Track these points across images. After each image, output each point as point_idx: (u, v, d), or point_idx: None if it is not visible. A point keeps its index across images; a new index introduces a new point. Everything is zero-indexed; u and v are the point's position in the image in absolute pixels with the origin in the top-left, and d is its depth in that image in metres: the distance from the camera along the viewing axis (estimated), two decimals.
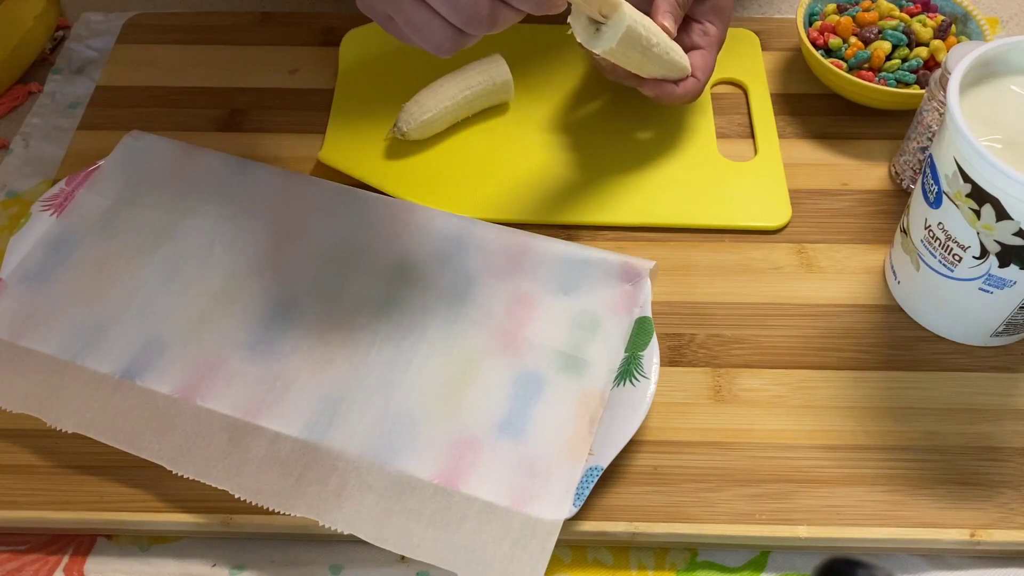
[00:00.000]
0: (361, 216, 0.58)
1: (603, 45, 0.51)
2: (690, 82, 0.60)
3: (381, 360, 0.53)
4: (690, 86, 0.60)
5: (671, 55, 0.56)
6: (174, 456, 0.49)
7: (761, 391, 0.53)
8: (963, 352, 0.55)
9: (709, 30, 0.61)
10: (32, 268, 0.56)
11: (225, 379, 0.52)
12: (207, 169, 0.60)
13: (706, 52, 0.61)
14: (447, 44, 0.53)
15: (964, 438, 0.52)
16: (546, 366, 0.53)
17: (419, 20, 0.51)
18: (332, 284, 0.56)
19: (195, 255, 0.57)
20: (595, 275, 0.55)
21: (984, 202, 0.47)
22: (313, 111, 0.67)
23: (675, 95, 0.59)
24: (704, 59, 0.61)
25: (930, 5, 0.68)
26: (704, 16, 0.61)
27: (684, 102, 0.60)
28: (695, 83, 0.60)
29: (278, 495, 0.47)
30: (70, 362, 0.52)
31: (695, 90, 0.60)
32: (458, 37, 0.53)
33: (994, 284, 0.50)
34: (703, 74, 0.60)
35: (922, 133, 0.59)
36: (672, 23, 0.57)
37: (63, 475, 0.50)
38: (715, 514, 0.49)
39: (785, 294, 0.58)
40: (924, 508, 0.49)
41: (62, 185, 0.60)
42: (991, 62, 0.51)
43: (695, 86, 0.60)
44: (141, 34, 0.73)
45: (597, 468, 0.48)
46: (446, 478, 0.48)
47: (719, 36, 0.62)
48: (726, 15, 0.62)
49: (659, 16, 0.57)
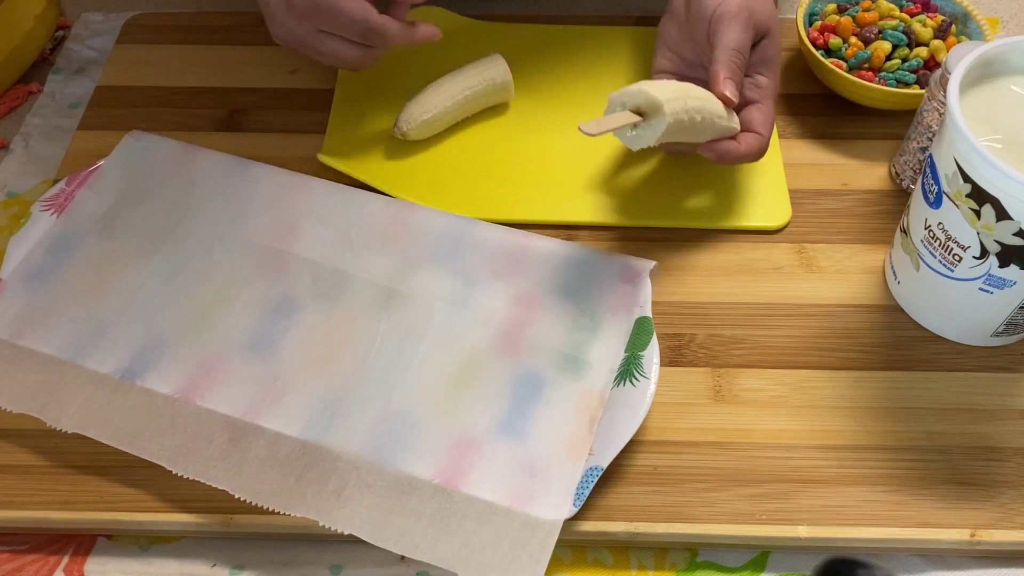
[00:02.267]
0: (361, 216, 0.58)
1: (644, 143, 0.51)
2: (751, 138, 0.56)
3: (381, 360, 0.53)
4: (752, 142, 0.56)
5: (717, 121, 0.54)
6: (174, 456, 0.49)
7: (761, 391, 0.53)
8: (963, 352, 0.55)
9: (761, 82, 0.58)
10: (32, 268, 0.56)
11: (225, 379, 0.52)
12: (207, 169, 0.60)
13: (763, 105, 0.58)
14: (360, 61, 0.61)
15: (964, 438, 0.52)
16: (546, 366, 0.53)
17: (328, 48, 0.60)
18: (332, 284, 0.56)
19: (195, 255, 0.57)
20: (595, 275, 0.55)
21: (984, 202, 0.47)
22: (313, 111, 0.67)
23: (738, 153, 0.56)
24: (763, 113, 0.57)
25: (930, 5, 0.68)
26: (753, 69, 0.58)
27: (749, 160, 0.57)
28: (757, 138, 0.57)
29: (278, 495, 0.47)
30: (70, 362, 0.52)
31: (759, 146, 0.57)
32: (366, 52, 0.61)
33: (994, 284, 0.50)
34: (765, 128, 0.57)
35: (922, 133, 0.59)
36: (734, 90, 0.55)
37: (63, 475, 0.50)
38: (715, 514, 0.49)
39: (785, 294, 0.58)
40: (924, 508, 0.49)
41: (62, 185, 0.60)
42: (991, 62, 0.51)
43: (758, 142, 0.57)
44: (141, 34, 0.73)
45: (597, 468, 0.48)
46: (446, 478, 0.48)
47: (772, 87, 0.59)
48: (775, 64, 0.59)
49: (719, 85, 0.55)
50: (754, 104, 0.58)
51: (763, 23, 0.57)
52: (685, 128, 0.52)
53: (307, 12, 0.58)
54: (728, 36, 0.56)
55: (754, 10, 0.57)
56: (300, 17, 0.59)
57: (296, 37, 0.60)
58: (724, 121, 0.55)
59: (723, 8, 0.56)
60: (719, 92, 0.55)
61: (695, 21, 0.58)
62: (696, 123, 0.52)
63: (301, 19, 0.59)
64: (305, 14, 0.58)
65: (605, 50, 0.71)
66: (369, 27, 0.58)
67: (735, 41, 0.56)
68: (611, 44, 0.71)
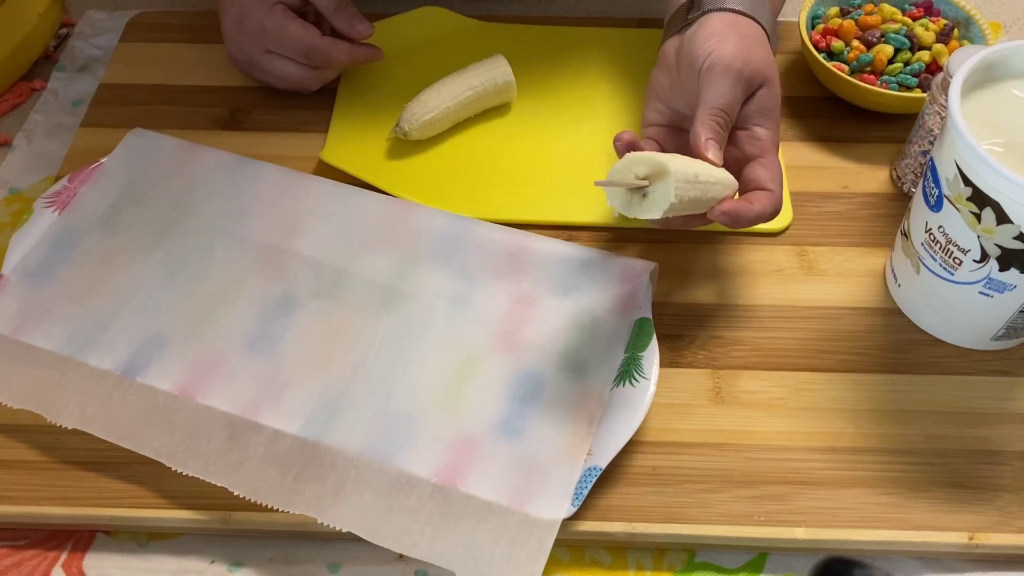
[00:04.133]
0: (362, 215, 0.58)
1: (654, 213, 0.46)
2: (763, 196, 0.51)
3: (381, 359, 0.53)
4: (765, 201, 0.51)
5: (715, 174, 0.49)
6: (173, 453, 0.49)
7: (761, 393, 0.53)
8: (963, 355, 0.55)
9: (759, 134, 0.53)
10: (34, 264, 0.56)
11: (225, 376, 0.52)
12: (209, 167, 0.61)
13: (766, 160, 0.52)
14: (307, 82, 0.66)
15: (963, 441, 0.52)
16: (546, 366, 0.53)
17: (276, 69, 0.64)
18: (333, 283, 0.56)
19: (196, 253, 0.57)
20: (595, 276, 0.55)
21: (985, 206, 0.47)
22: (315, 110, 0.67)
23: (751, 215, 0.50)
24: (768, 168, 0.52)
25: (932, 9, 0.68)
26: (750, 121, 0.53)
27: (764, 220, 0.51)
28: (769, 196, 0.51)
29: (277, 492, 0.47)
30: (71, 358, 0.52)
31: (772, 204, 0.51)
32: (312, 73, 0.65)
33: (994, 288, 0.50)
34: (775, 184, 0.51)
35: (924, 137, 0.59)
36: (717, 152, 0.50)
37: (63, 471, 0.51)
38: (713, 515, 0.49)
39: (785, 296, 0.58)
40: (922, 511, 0.49)
41: (65, 182, 0.60)
42: (993, 66, 0.51)
43: (770, 199, 0.51)
44: (144, 32, 0.73)
45: (596, 468, 0.48)
46: (445, 477, 0.48)
47: (773, 138, 0.53)
48: (774, 114, 0.53)
49: (700, 149, 0.50)
50: (756, 160, 0.52)
51: (759, 72, 0.52)
52: (692, 190, 0.47)
53: (256, 33, 0.63)
54: (713, 92, 0.51)
55: (749, 59, 0.52)
56: (249, 37, 0.63)
57: (246, 56, 0.65)
58: (724, 181, 0.50)
59: (713, 58, 0.51)
60: (702, 155, 0.50)
61: (685, 71, 0.53)
62: (700, 184, 0.47)
63: (250, 39, 0.64)
64: (254, 34, 0.63)
65: (608, 52, 0.71)
66: (313, 48, 0.63)
67: (720, 98, 0.51)
68: (613, 46, 0.71)
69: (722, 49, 0.51)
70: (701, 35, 0.53)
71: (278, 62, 0.64)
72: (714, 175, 0.49)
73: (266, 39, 0.63)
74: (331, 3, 0.63)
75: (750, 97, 0.53)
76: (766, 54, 0.53)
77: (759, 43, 0.53)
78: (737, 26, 0.53)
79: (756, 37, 0.53)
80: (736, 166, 0.53)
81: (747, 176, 0.52)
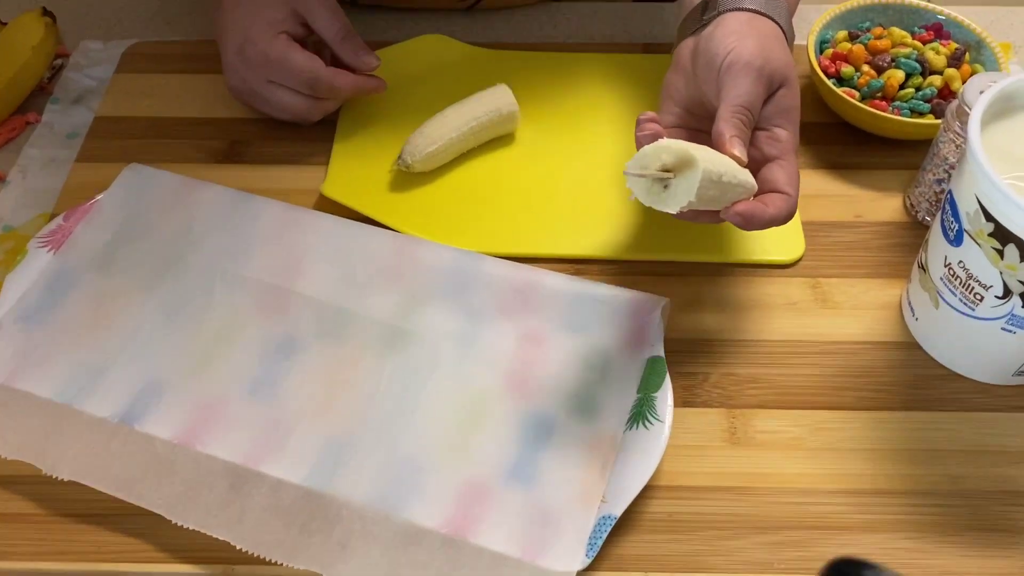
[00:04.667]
0: (365, 252, 0.57)
1: (678, 203, 0.45)
2: (779, 199, 0.50)
3: (386, 403, 0.51)
4: (781, 204, 0.49)
5: (739, 176, 0.48)
6: (173, 505, 0.47)
7: (778, 433, 0.52)
8: (983, 391, 0.54)
9: (779, 135, 0.52)
10: (29, 308, 0.55)
11: (225, 423, 0.50)
12: (207, 204, 0.59)
13: (784, 161, 0.51)
14: (308, 113, 0.64)
15: (988, 482, 0.50)
16: (556, 408, 0.51)
17: (277, 99, 0.63)
18: (335, 323, 0.54)
19: (195, 293, 0.56)
20: (605, 312, 0.54)
21: (1008, 242, 0.46)
22: (316, 142, 0.66)
23: (765, 217, 0.49)
24: (786, 170, 0.51)
25: (943, 32, 0.67)
26: (769, 122, 0.52)
27: (778, 223, 0.50)
28: (785, 199, 0.50)
29: (281, 546, 0.46)
30: (67, 406, 0.51)
31: (788, 207, 0.50)
32: (314, 104, 0.64)
33: (1017, 324, 0.49)
34: (791, 187, 0.50)
35: (938, 165, 0.58)
36: (742, 149, 0.49)
37: (59, 524, 0.49)
38: (732, 563, 0.47)
39: (800, 330, 0.56)
40: (948, 556, 0.48)
41: (60, 221, 0.58)
42: (1012, 97, 0.49)
43: (786, 203, 0.50)
44: (140, 63, 0.72)
45: (611, 517, 0.46)
46: (455, 528, 0.47)
47: (792, 140, 0.52)
48: (794, 116, 0.53)
49: (726, 146, 0.49)
50: (775, 161, 0.51)
51: (779, 72, 0.51)
52: (713, 188, 0.46)
53: (258, 63, 0.62)
54: (735, 91, 0.50)
55: (769, 58, 0.51)
56: (251, 67, 0.62)
57: (247, 86, 0.63)
58: (744, 176, 0.49)
59: (734, 56, 0.51)
60: (728, 152, 0.49)
61: (704, 70, 0.53)
62: (722, 184, 0.47)
63: (252, 69, 0.62)
64: (256, 65, 0.62)
65: (613, 79, 0.70)
66: (317, 79, 0.62)
67: (742, 96, 0.50)
68: (619, 72, 0.70)
69: (742, 47, 0.51)
70: (719, 34, 0.52)
71: (280, 92, 0.63)
72: (738, 176, 0.48)
73: (269, 69, 0.62)
74: (338, 33, 0.62)
75: (770, 97, 0.52)
76: (785, 54, 0.53)
77: (778, 42, 0.53)
78: (755, 25, 0.53)
79: (774, 36, 0.53)
80: (754, 167, 0.52)
81: (764, 177, 0.51)
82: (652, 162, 0.45)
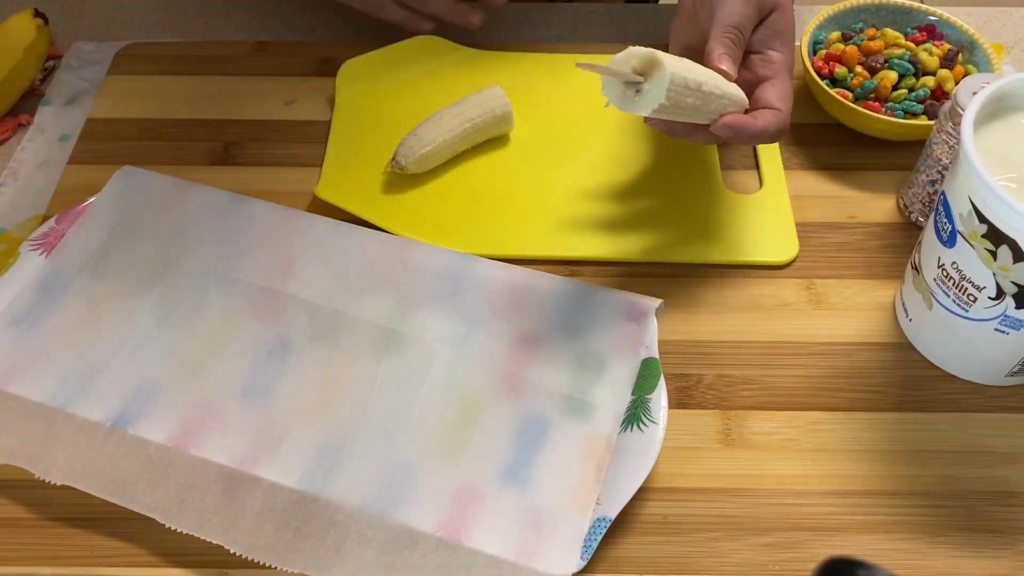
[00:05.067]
0: (359, 254, 0.57)
1: (649, 106, 0.46)
2: (768, 113, 0.52)
3: (380, 406, 0.51)
4: (770, 117, 0.51)
5: (722, 87, 0.50)
6: (167, 509, 0.47)
7: (772, 434, 0.52)
8: (977, 391, 0.54)
9: (772, 57, 0.54)
10: (21, 311, 0.55)
11: (219, 426, 0.50)
12: (201, 206, 0.59)
13: (777, 80, 0.53)
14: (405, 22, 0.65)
15: (981, 482, 0.50)
16: (551, 410, 0.51)
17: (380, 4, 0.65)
18: (329, 326, 0.54)
19: (188, 296, 0.55)
20: (599, 314, 0.54)
21: (1001, 243, 0.46)
22: (309, 144, 0.66)
23: (754, 129, 0.51)
24: (778, 88, 0.53)
25: (935, 33, 0.67)
26: (763, 45, 0.54)
27: (767, 139, 0.52)
28: (775, 114, 0.52)
29: (274, 549, 0.46)
30: (60, 409, 0.51)
31: (777, 121, 0.52)
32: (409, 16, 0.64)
33: (1010, 325, 0.49)
34: (783, 103, 0.52)
35: (931, 166, 0.58)
36: (731, 64, 0.51)
37: (52, 528, 0.49)
38: (727, 565, 0.47)
39: (794, 332, 0.56)
40: (941, 556, 0.48)
41: (52, 223, 0.58)
42: (1004, 98, 0.49)
43: (776, 117, 0.52)
44: (133, 64, 0.72)
45: (605, 519, 0.46)
46: (449, 531, 0.47)
47: (786, 61, 0.54)
48: (788, 37, 0.54)
49: (714, 60, 0.51)
50: (768, 80, 0.53)
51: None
52: (691, 96, 0.47)
53: None
54: (725, 11, 0.52)
55: None
56: None
57: None
58: (731, 95, 0.50)
59: None
60: (715, 66, 0.50)
61: (701, 5, 0.55)
62: (702, 93, 0.48)
63: None
64: None
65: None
66: None
67: (732, 16, 0.52)
68: None
69: None
70: None
71: None
72: (721, 87, 0.50)
73: None
74: None
75: (763, 20, 0.54)
76: None
77: None
78: None
79: None
80: (748, 89, 0.54)
81: (756, 95, 0.53)
82: (623, 67, 0.47)
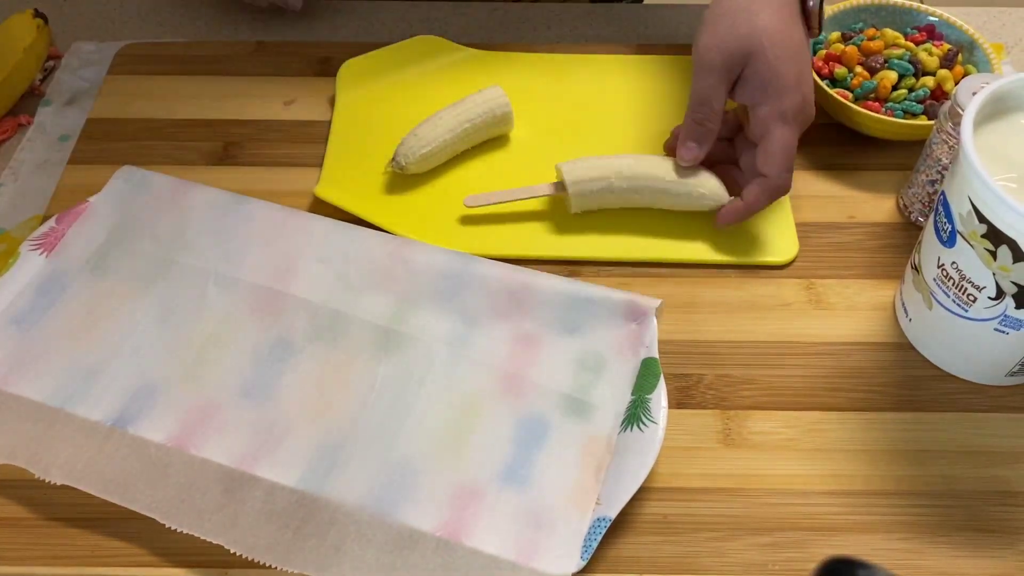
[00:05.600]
0: (358, 254, 0.57)
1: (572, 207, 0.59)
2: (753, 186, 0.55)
3: (380, 406, 0.51)
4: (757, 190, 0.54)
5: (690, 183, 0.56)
6: (167, 508, 0.47)
7: (771, 434, 0.52)
8: (977, 391, 0.54)
9: (759, 113, 0.54)
10: (21, 311, 0.55)
11: (219, 426, 0.50)
12: (201, 206, 0.59)
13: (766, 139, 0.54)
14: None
15: (981, 482, 0.50)
16: (551, 410, 0.51)
17: None
18: (329, 325, 0.54)
19: (188, 295, 0.55)
20: (599, 314, 0.54)
21: (1001, 243, 0.46)
22: (309, 144, 0.66)
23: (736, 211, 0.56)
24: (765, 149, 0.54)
25: (935, 33, 0.67)
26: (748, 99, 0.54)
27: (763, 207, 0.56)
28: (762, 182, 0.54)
29: (275, 549, 0.46)
30: (60, 409, 0.51)
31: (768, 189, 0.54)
32: None
33: (1010, 325, 0.49)
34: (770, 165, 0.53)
35: (931, 166, 0.58)
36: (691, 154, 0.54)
37: (52, 528, 0.49)
38: (727, 565, 0.47)
39: (794, 332, 0.56)
40: (941, 556, 0.48)
41: (52, 223, 0.58)
42: (1004, 98, 0.49)
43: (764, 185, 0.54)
44: (133, 64, 0.72)
45: (605, 519, 0.46)
46: (449, 530, 0.47)
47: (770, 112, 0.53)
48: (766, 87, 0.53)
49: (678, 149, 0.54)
50: (759, 141, 0.55)
51: (736, 53, 0.52)
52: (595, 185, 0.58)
53: None
54: (692, 89, 0.54)
55: (722, 44, 0.52)
56: None
57: None
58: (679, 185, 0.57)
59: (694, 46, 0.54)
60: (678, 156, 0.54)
61: None
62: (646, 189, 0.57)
63: None
64: None
65: (606, 79, 0.70)
66: None
67: (694, 93, 0.54)
68: (611, 73, 0.70)
69: (697, 41, 0.54)
70: None
71: None
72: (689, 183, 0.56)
73: None
74: None
75: (741, 75, 0.54)
76: (749, 27, 0.52)
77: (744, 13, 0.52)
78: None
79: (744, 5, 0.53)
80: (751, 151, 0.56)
81: (744, 166, 0.56)
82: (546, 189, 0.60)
